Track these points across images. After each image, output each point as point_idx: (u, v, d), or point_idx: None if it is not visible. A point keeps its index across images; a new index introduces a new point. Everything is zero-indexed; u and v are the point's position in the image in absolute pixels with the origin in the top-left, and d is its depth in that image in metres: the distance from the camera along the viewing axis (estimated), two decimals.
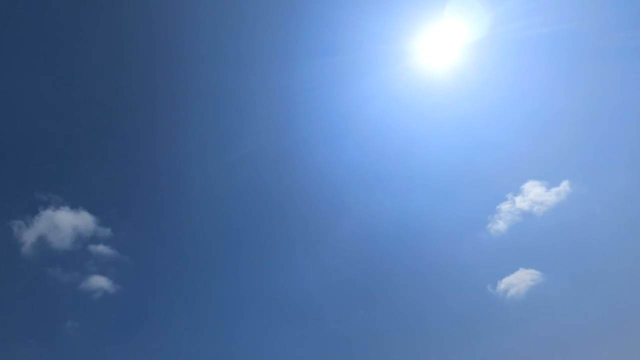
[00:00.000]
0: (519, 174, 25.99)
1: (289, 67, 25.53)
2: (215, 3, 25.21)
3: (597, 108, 24.82)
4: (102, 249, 24.54)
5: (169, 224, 26.12)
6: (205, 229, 26.26)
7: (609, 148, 25.75)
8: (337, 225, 26.61)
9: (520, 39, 24.38)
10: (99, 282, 23.91)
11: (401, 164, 26.63)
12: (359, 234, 26.33)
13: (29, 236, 23.65)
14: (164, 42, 25.96)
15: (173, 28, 25.25)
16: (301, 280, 25.31)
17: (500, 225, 25.33)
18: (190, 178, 26.52)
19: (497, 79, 25.53)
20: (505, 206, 25.53)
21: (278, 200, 26.61)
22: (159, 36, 25.78)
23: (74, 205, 24.98)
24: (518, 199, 25.41)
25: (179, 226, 26.15)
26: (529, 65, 24.88)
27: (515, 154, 26.31)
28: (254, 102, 26.30)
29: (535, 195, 25.37)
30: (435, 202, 26.49)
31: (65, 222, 24.49)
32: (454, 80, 25.42)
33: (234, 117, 26.88)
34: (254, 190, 26.67)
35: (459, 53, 25.14)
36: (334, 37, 25.23)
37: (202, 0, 25.43)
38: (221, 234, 26.31)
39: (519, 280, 23.99)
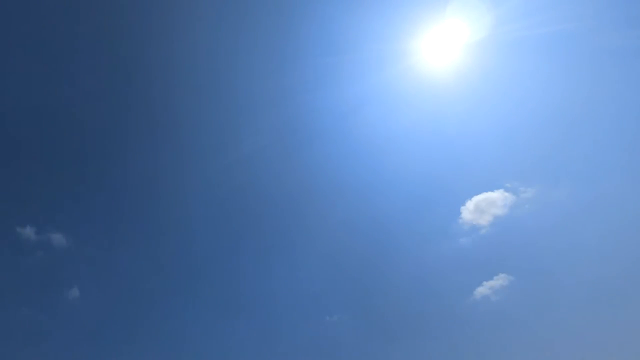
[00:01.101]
0: (519, 174, 26.02)
1: (290, 67, 25.34)
2: (214, 2, 24.92)
3: (600, 109, 24.81)
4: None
5: (164, 225, 25.62)
6: (202, 231, 25.81)
7: (609, 150, 25.76)
8: (337, 225, 26.36)
9: (523, 39, 24.32)
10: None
11: (402, 164, 26.39)
12: (359, 233, 26.16)
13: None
14: (161, 41, 25.63)
15: (171, 27, 24.93)
16: (295, 281, 25.03)
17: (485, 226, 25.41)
18: (187, 180, 26.08)
19: (500, 79, 25.46)
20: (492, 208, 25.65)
21: (276, 202, 26.21)
22: (157, 35, 25.44)
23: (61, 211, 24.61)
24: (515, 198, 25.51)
25: (174, 228, 25.61)
26: (532, 65, 24.82)
27: (516, 154, 26.25)
28: (254, 102, 26.04)
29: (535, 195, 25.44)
30: (433, 200, 26.35)
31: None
32: (455, 80, 25.28)
33: (233, 117, 26.57)
34: (252, 192, 26.26)
35: (461, 53, 25.04)
36: (335, 37, 25.09)
37: None
38: (219, 236, 25.88)
39: (495, 286, 24.01)
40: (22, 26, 24.26)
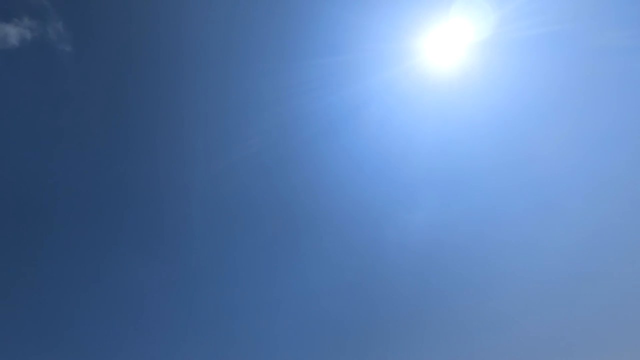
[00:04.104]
0: (519, 176, 25.86)
1: (290, 68, 24.81)
2: (213, 2, 24.26)
3: (605, 109, 24.51)
4: None
5: (159, 230, 25.49)
6: (201, 234, 25.69)
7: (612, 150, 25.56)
8: (338, 227, 26.27)
9: (528, 38, 23.85)
10: None
11: (406, 165, 26.16)
12: (360, 234, 26.10)
13: None
14: (156, 41, 25.02)
15: (167, 27, 24.32)
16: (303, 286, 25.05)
17: None
18: (186, 182, 25.81)
19: (504, 79, 25.04)
20: None
21: (276, 205, 26.06)
22: (151, 34, 24.83)
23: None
24: None
25: (170, 232, 25.49)
26: (537, 65, 24.41)
27: (519, 155, 26.00)
28: (252, 103, 25.59)
29: None
30: (438, 203, 26.17)
31: None
32: (459, 80, 24.89)
33: (231, 119, 26.14)
34: (250, 195, 26.06)
35: (465, 52, 24.57)
36: (337, 36, 24.53)
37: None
38: (216, 241, 25.78)
39: None
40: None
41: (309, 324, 24.42)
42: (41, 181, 24.76)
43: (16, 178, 23.96)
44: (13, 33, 23.54)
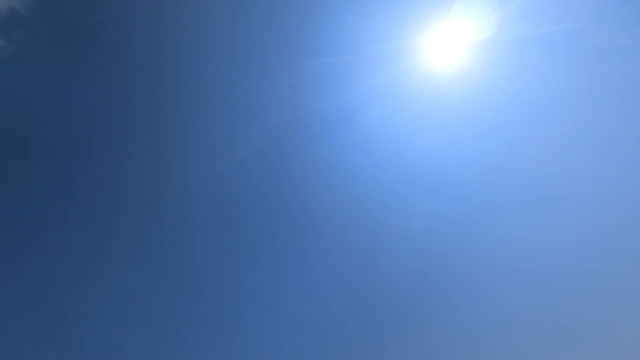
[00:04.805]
0: (520, 175, 25.89)
1: (291, 68, 24.74)
2: (214, 2, 24.18)
3: (606, 109, 24.56)
4: None
5: (164, 228, 25.44)
6: (203, 234, 25.66)
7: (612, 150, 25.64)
8: (339, 227, 26.25)
9: (528, 38, 23.87)
10: None
11: (407, 164, 26.18)
12: (360, 237, 26.08)
13: None
14: (157, 41, 24.93)
15: (168, 27, 24.22)
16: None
17: None
18: (187, 182, 25.77)
19: (505, 79, 25.05)
20: None
21: (279, 204, 26.04)
22: (152, 34, 24.74)
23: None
24: None
25: (170, 233, 25.44)
26: (537, 65, 24.42)
27: (519, 155, 26.04)
28: (254, 103, 25.52)
29: None
30: (439, 204, 26.17)
31: None
32: (460, 80, 24.89)
33: (232, 119, 26.08)
34: (250, 196, 26.03)
35: (466, 53, 24.60)
36: (338, 36, 24.49)
37: None
38: (220, 240, 25.73)
39: None
40: None
41: (313, 323, 24.38)
42: (42, 183, 24.75)
43: (17, 180, 23.98)
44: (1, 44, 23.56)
